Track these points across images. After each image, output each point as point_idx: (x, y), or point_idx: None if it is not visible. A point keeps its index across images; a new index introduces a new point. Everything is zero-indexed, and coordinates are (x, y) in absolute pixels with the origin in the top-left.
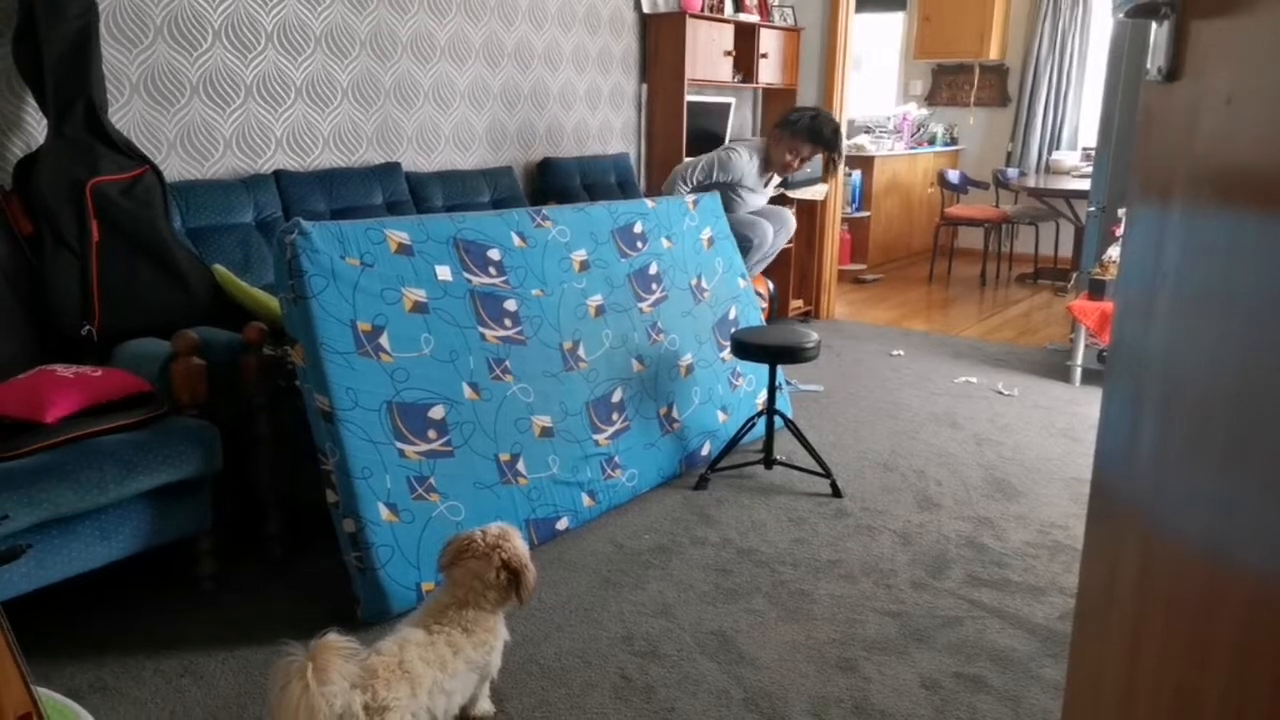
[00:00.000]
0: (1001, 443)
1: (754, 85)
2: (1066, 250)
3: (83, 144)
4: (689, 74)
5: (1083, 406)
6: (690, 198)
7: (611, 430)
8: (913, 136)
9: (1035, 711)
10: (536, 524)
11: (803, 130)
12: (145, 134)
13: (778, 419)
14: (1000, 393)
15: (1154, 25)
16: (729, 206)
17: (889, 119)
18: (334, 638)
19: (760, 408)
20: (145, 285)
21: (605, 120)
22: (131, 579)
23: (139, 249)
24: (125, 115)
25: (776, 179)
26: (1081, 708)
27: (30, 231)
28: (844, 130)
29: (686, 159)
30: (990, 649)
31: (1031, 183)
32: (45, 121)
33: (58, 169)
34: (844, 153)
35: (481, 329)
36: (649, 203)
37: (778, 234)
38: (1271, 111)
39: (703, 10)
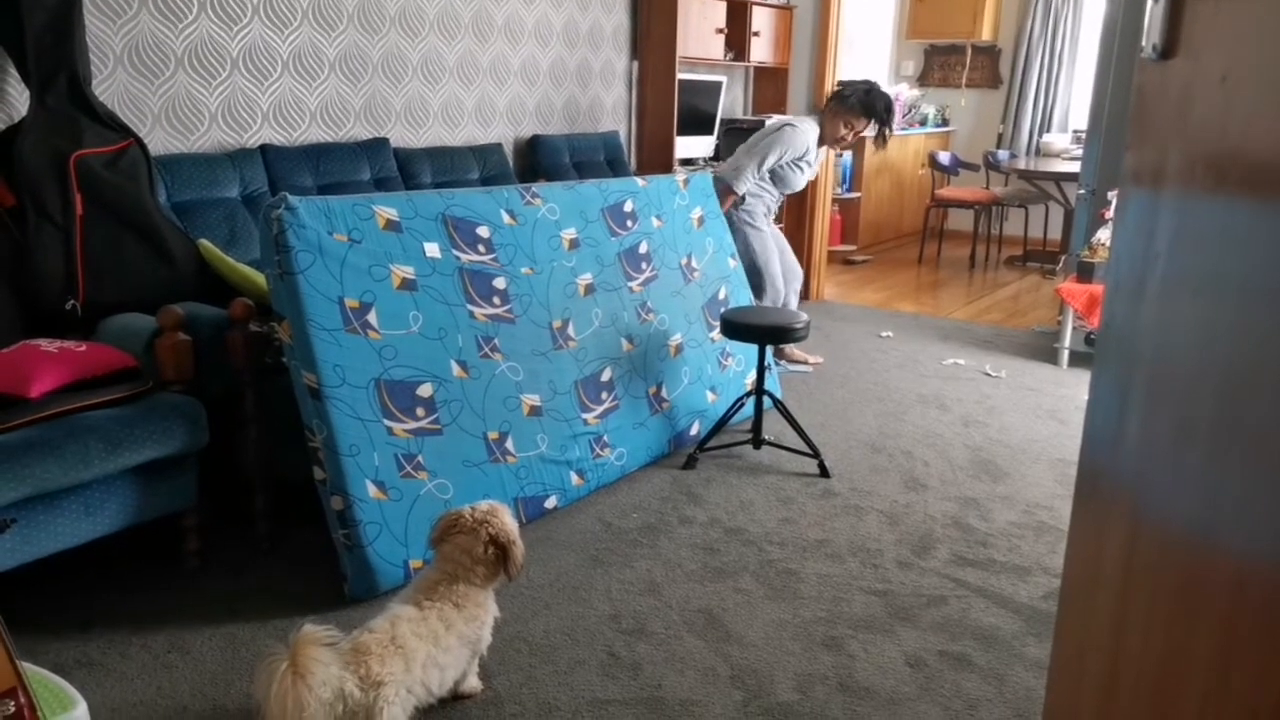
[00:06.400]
0: (988, 424)
1: (746, 63)
2: (1056, 233)
3: (66, 116)
4: (680, 51)
5: (1069, 389)
6: (681, 176)
7: (600, 409)
8: (904, 117)
9: (1019, 689)
10: (525, 502)
11: (856, 104)
12: (129, 106)
13: (766, 399)
14: (988, 374)
15: (1149, 2)
16: (785, 180)
17: None
18: (311, 629)
19: (749, 388)
20: (130, 260)
21: (596, 97)
22: (117, 555)
23: (123, 223)
24: (109, 87)
25: (822, 154)
26: (1065, 686)
27: (12, 204)
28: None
29: (743, 147)
30: (975, 628)
31: (1022, 165)
32: (27, 93)
33: (40, 141)
34: (894, 127)
35: (470, 307)
36: (639, 181)
37: (789, 282)
38: (1267, 91)
39: None
